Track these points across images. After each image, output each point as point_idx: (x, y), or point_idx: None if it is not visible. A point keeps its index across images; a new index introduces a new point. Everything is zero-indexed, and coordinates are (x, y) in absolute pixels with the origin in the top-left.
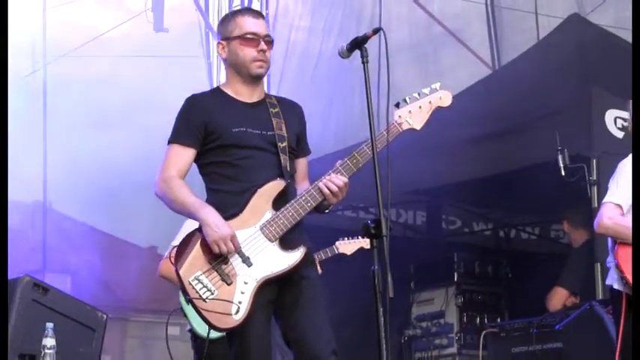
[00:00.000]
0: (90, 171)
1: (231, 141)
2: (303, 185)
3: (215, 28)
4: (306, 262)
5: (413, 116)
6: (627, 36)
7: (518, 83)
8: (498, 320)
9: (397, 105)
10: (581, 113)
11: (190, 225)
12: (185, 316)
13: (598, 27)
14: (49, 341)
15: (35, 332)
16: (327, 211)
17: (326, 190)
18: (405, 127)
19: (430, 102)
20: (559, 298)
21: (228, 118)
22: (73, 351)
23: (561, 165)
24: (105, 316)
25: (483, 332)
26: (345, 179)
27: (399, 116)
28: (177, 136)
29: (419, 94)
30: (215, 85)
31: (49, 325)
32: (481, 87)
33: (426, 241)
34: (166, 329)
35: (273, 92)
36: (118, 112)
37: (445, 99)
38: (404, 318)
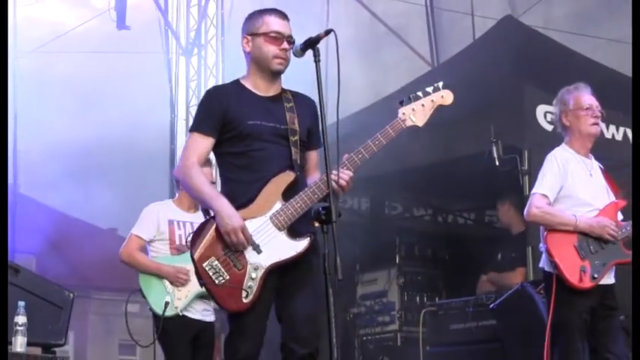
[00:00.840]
0: (56, 157)
1: (246, 132)
2: (314, 176)
3: (174, 25)
4: (312, 249)
5: (416, 114)
6: (556, 36)
7: (455, 79)
8: (437, 299)
9: (401, 102)
10: (513, 108)
11: (150, 212)
12: (143, 296)
13: (529, 28)
14: (21, 319)
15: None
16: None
17: (335, 185)
18: (409, 123)
19: (432, 100)
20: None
21: (245, 111)
22: (43, 328)
23: (495, 155)
24: (72, 295)
25: (423, 310)
26: (351, 173)
27: (403, 113)
28: (198, 125)
29: (422, 93)
30: (173, 80)
31: (21, 303)
32: (421, 82)
33: (370, 225)
34: (126, 307)
35: None
36: (83, 103)
37: (447, 98)
38: (349, 297)
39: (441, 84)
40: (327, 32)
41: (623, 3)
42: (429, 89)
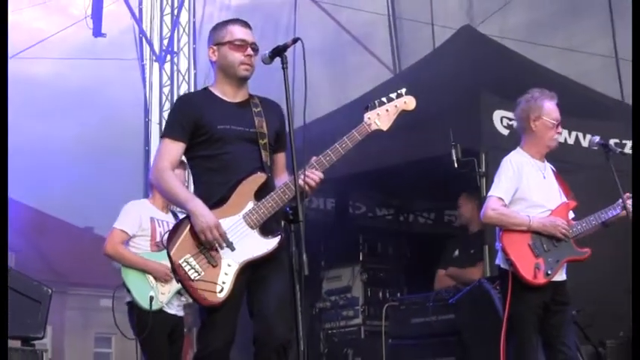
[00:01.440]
0: (35, 158)
1: (217, 137)
2: (281, 177)
3: (148, 33)
4: (282, 247)
5: (381, 118)
6: (511, 45)
7: (416, 86)
8: (398, 295)
9: (367, 108)
10: (471, 113)
11: (133, 208)
12: (128, 290)
13: (486, 37)
14: None
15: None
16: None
17: (304, 185)
18: (374, 127)
19: (396, 106)
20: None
21: (215, 116)
22: (22, 322)
23: (454, 158)
24: (50, 290)
25: (385, 305)
26: (321, 174)
27: (368, 118)
28: (170, 131)
29: (387, 99)
30: (147, 85)
31: None
32: (384, 88)
33: (335, 224)
34: (112, 301)
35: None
36: (61, 107)
37: (410, 103)
38: (315, 292)
39: (404, 90)
40: (294, 40)
41: (574, 14)
42: (393, 95)
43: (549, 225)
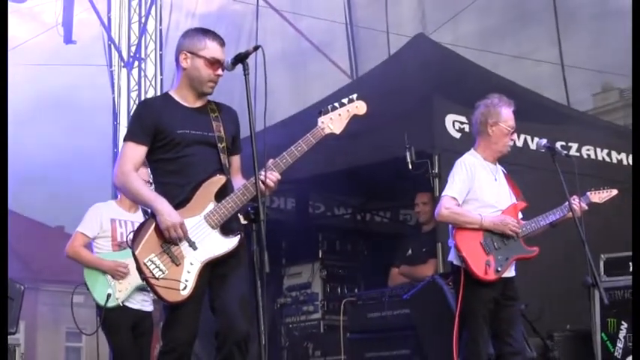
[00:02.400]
0: (8, 160)
1: (176, 141)
2: (237, 178)
3: (116, 40)
4: (242, 245)
5: (333, 122)
6: (463, 52)
7: (372, 91)
8: (356, 290)
9: (320, 112)
10: (425, 117)
11: (94, 211)
12: (87, 289)
13: (439, 44)
14: None
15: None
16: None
17: (262, 186)
18: (327, 131)
19: (348, 110)
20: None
21: (174, 121)
22: None
23: (409, 160)
24: (22, 287)
25: (343, 300)
26: (279, 175)
27: (322, 122)
28: (132, 135)
29: (339, 104)
30: (115, 90)
31: None
32: (342, 93)
33: (295, 223)
34: (72, 299)
35: None
36: (33, 112)
37: (361, 108)
38: (276, 288)
39: (355, 96)
40: (256, 48)
41: (522, 23)
42: (345, 100)
43: (500, 223)
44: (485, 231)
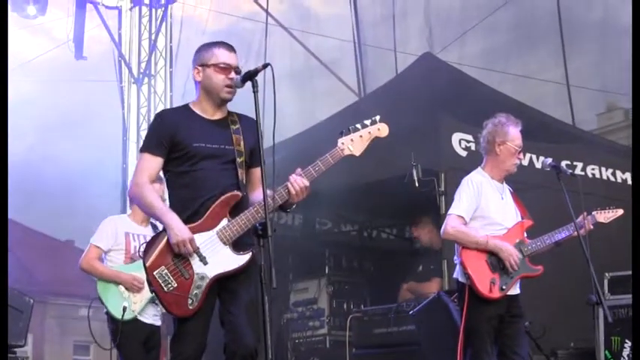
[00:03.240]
0: (18, 175)
1: (192, 153)
2: (256, 192)
3: (126, 57)
4: (252, 262)
5: (354, 144)
6: (469, 71)
7: (379, 109)
8: (362, 306)
9: (341, 133)
10: (431, 135)
11: (108, 224)
12: (101, 302)
13: (446, 63)
14: None
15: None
16: (288, 210)
17: (292, 189)
18: (347, 152)
19: (370, 132)
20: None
21: (192, 133)
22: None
23: (415, 178)
24: (32, 300)
25: (350, 316)
26: (307, 182)
27: (342, 143)
28: (148, 146)
29: (360, 125)
30: (125, 106)
31: None
32: (350, 111)
33: (302, 239)
34: (88, 312)
35: None
36: (43, 127)
37: (383, 130)
38: (283, 304)
39: (378, 117)
40: (265, 66)
41: (528, 43)
42: (367, 122)
43: (505, 251)
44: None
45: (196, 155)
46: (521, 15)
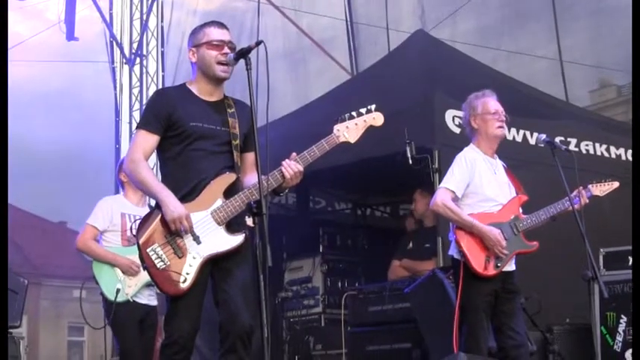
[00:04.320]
0: (9, 157)
1: (188, 133)
2: (251, 175)
3: (118, 37)
4: (246, 243)
5: (349, 131)
6: (462, 48)
7: (372, 87)
8: (357, 284)
9: (337, 120)
10: (424, 112)
11: (104, 204)
12: (96, 282)
13: (438, 41)
14: None
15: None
16: (282, 194)
17: (287, 173)
18: (342, 139)
19: (365, 121)
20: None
21: (189, 113)
22: None
23: (409, 155)
24: (26, 281)
25: (344, 294)
26: (301, 167)
27: (338, 130)
28: (145, 124)
29: (356, 113)
30: (117, 87)
31: None
32: (342, 89)
33: (296, 218)
34: (80, 293)
35: None
36: (36, 107)
37: (378, 119)
38: (278, 283)
39: (373, 107)
40: (258, 43)
41: (521, 19)
42: (363, 110)
43: (488, 240)
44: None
45: (192, 135)
46: None
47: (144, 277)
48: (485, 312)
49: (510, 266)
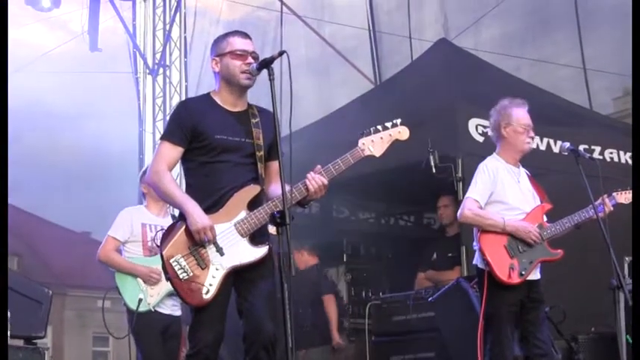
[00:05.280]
0: (34, 167)
1: (213, 145)
2: (274, 186)
3: (141, 48)
4: (269, 255)
5: (374, 145)
6: (485, 57)
7: (395, 96)
8: (381, 294)
9: (362, 134)
10: (448, 121)
11: (125, 216)
12: (119, 293)
13: (461, 49)
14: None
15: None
16: (306, 206)
17: (311, 186)
18: (367, 153)
19: (390, 135)
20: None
21: (214, 125)
22: (24, 321)
23: (432, 164)
24: (50, 292)
25: (369, 304)
26: (325, 180)
27: (363, 143)
28: (169, 135)
29: (382, 127)
30: (140, 97)
31: None
32: (366, 98)
33: (320, 227)
34: (103, 303)
35: None
36: (60, 118)
37: (403, 133)
38: None
39: (399, 121)
40: (281, 53)
41: (544, 27)
42: (388, 124)
43: (522, 230)
44: (509, 234)
45: (217, 147)
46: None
47: (165, 286)
48: (510, 321)
49: (535, 275)
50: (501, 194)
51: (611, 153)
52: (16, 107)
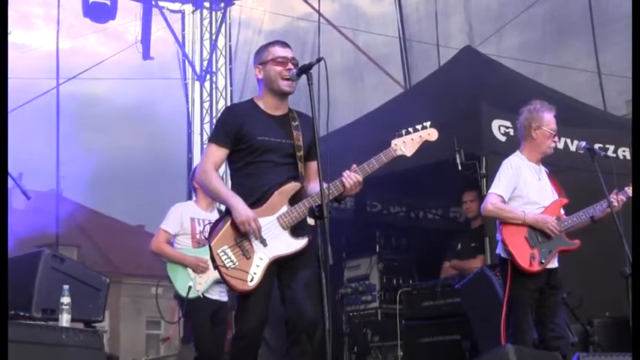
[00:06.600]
0: (93, 166)
1: (256, 146)
2: (313, 183)
3: (190, 56)
4: (309, 246)
5: (406, 145)
6: (507, 62)
7: (424, 99)
8: (411, 281)
9: (395, 135)
10: (472, 122)
11: (176, 210)
12: (170, 281)
13: (485, 56)
14: (65, 299)
15: (54, 292)
16: (342, 202)
17: (347, 183)
18: (399, 153)
19: (420, 136)
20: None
21: (256, 127)
22: (84, 306)
23: (458, 162)
24: (107, 280)
25: (399, 291)
26: (360, 177)
27: (395, 144)
28: (215, 138)
29: (412, 129)
30: (189, 101)
31: (65, 286)
32: (396, 102)
33: (354, 221)
34: (156, 290)
35: None
36: (116, 121)
37: (432, 135)
38: (338, 280)
39: (428, 123)
40: (318, 60)
41: (562, 36)
42: (419, 127)
43: (541, 221)
44: (529, 226)
45: (260, 148)
46: (554, 9)
47: (212, 274)
48: (531, 306)
49: (553, 263)
50: (523, 190)
51: (624, 151)
52: (75, 111)
